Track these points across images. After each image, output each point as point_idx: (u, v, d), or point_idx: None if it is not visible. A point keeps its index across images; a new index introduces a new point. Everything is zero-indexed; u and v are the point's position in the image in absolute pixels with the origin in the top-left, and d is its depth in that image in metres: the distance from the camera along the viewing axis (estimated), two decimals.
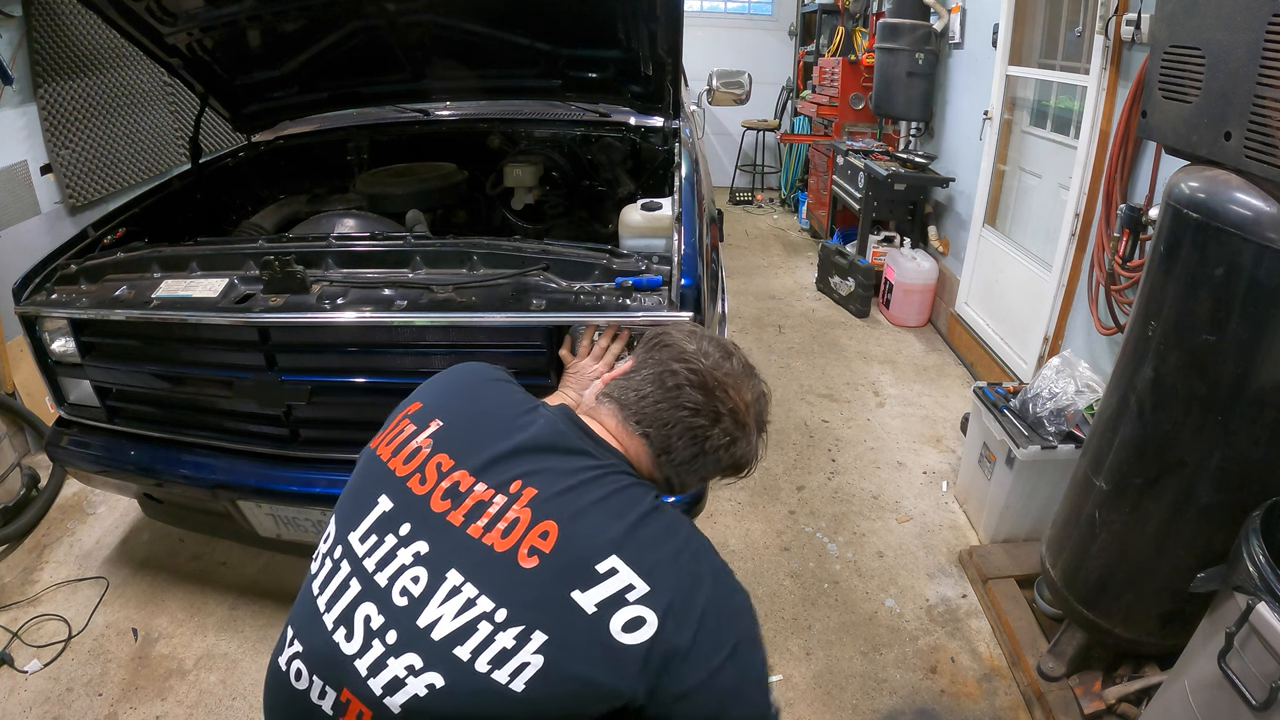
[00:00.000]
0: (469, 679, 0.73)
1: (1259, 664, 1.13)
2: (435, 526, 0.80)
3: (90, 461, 1.79)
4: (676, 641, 0.75)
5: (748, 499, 2.56)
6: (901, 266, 3.95)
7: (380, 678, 0.75)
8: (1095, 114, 2.53)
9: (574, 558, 0.76)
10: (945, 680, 1.87)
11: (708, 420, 0.90)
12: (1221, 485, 1.38)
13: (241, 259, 1.63)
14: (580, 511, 0.79)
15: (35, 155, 2.75)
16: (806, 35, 6.56)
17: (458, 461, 0.84)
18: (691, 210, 1.65)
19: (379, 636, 0.77)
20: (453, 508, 0.81)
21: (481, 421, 0.91)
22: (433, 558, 0.79)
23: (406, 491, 0.83)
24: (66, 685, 1.84)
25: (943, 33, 3.95)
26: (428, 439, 0.87)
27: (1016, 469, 2.06)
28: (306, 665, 0.81)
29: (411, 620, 0.76)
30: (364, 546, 0.82)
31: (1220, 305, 1.28)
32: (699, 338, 0.97)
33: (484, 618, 0.74)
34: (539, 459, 0.84)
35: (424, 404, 0.94)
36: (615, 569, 0.76)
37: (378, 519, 0.83)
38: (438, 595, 0.76)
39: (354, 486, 0.89)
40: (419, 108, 2.67)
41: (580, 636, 0.74)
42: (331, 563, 0.84)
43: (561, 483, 0.81)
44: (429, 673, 0.74)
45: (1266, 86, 1.15)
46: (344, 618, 0.80)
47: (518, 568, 0.76)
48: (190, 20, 2.01)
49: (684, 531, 0.84)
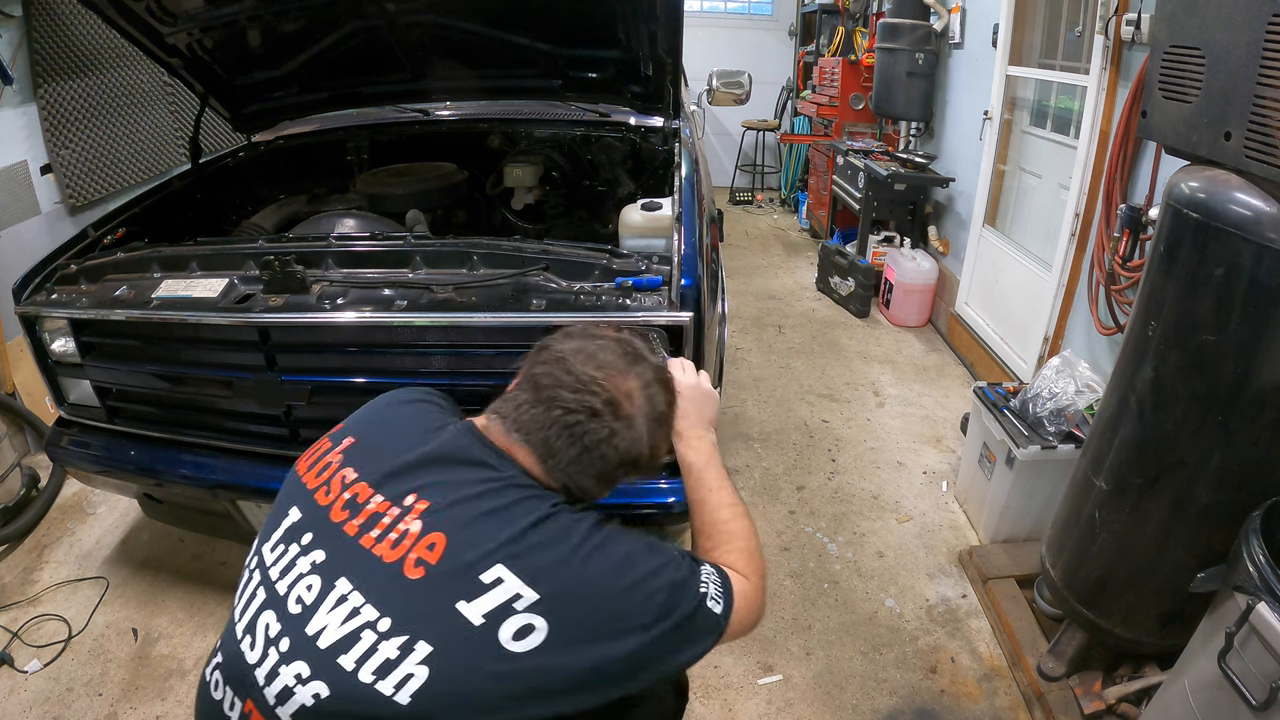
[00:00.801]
0: (353, 689, 0.73)
1: (1259, 664, 1.13)
2: (333, 536, 0.82)
3: (90, 461, 1.79)
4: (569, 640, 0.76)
5: (748, 499, 2.55)
6: (901, 266, 3.95)
7: (273, 687, 0.76)
8: (1095, 114, 2.53)
9: (459, 567, 0.76)
10: (945, 680, 1.87)
11: (584, 416, 0.88)
12: (1221, 485, 1.38)
13: (241, 259, 1.63)
14: (469, 522, 0.80)
15: (35, 155, 2.75)
16: (806, 35, 6.56)
17: (360, 474, 0.86)
18: (691, 210, 1.65)
19: (274, 644, 0.78)
20: (350, 518, 0.82)
21: (390, 437, 0.93)
22: (327, 566, 0.80)
23: (313, 503, 0.85)
24: (66, 685, 1.84)
25: (943, 33, 3.95)
26: (339, 453, 0.91)
27: (1016, 469, 2.06)
28: (222, 675, 0.83)
29: (301, 628, 0.77)
30: (272, 556, 0.84)
31: (1220, 305, 1.28)
32: (577, 336, 0.97)
33: (368, 626, 0.75)
34: (438, 471, 0.85)
35: (345, 424, 0.97)
36: (501, 578, 0.76)
37: (286, 529, 0.85)
38: (327, 603, 0.77)
39: (276, 500, 0.92)
40: (419, 108, 2.67)
41: (467, 648, 0.74)
42: (248, 573, 0.86)
43: (455, 494, 0.82)
44: (315, 681, 0.74)
45: (1266, 86, 1.15)
46: (250, 626, 0.81)
47: (403, 578, 0.76)
48: (190, 20, 2.01)
49: (579, 533, 0.82)
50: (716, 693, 1.83)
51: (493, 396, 0.97)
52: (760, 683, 1.86)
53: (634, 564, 0.83)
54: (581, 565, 0.80)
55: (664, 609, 0.82)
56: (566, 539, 0.81)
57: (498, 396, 0.97)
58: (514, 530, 0.79)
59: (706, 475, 1.06)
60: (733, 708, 1.79)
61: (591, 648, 0.77)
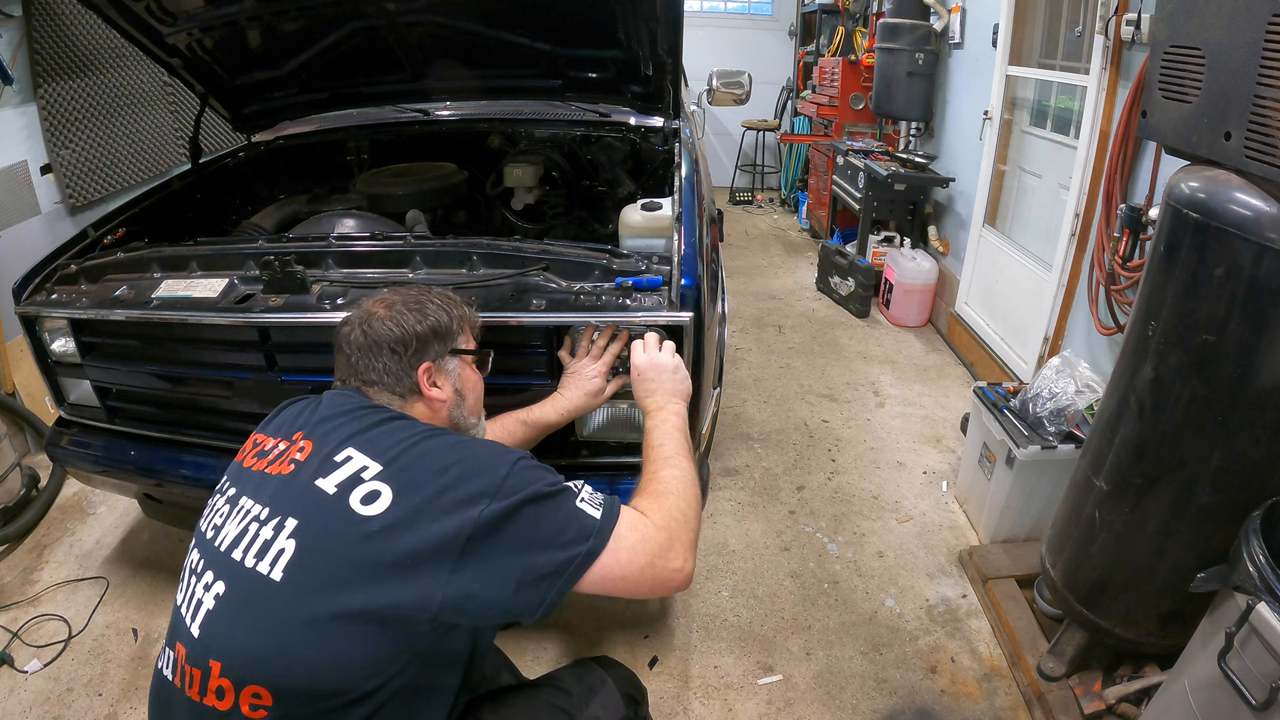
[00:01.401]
0: (240, 577, 0.84)
1: (1259, 664, 1.13)
2: (242, 475, 0.97)
3: (90, 461, 1.79)
4: (413, 505, 0.84)
5: (748, 499, 2.56)
6: (901, 266, 3.95)
7: (189, 609, 0.87)
8: (1095, 114, 2.53)
9: (319, 456, 0.90)
10: (945, 680, 1.87)
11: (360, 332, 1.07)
12: (1221, 485, 1.38)
13: (241, 259, 1.63)
14: (332, 428, 0.95)
15: (35, 155, 2.75)
16: (806, 35, 6.56)
17: (272, 435, 1.01)
18: (691, 210, 1.65)
19: (197, 575, 0.89)
20: (256, 459, 0.97)
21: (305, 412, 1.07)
22: (234, 495, 0.94)
23: (237, 467, 1.00)
24: (66, 685, 1.84)
25: (943, 33, 3.95)
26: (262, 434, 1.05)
27: (1016, 469, 2.06)
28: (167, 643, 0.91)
29: (212, 544, 0.90)
30: (205, 521, 0.96)
31: (1220, 305, 1.28)
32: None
33: (253, 520, 0.88)
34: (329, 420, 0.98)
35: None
36: (350, 456, 0.89)
37: (216, 495, 0.98)
38: (232, 519, 0.90)
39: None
40: (419, 108, 2.67)
41: (324, 515, 0.84)
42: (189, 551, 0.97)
43: (330, 419, 0.97)
44: (217, 583, 0.86)
45: (1266, 86, 1.15)
46: (185, 583, 0.92)
47: (281, 477, 0.91)
48: (190, 20, 2.01)
49: (424, 429, 0.95)
50: (716, 693, 1.83)
51: (493, 396, 0.99)
52: (760, 683, 1.86)
53: (475, 447, 0.94)
54: (423, 442, 0.91)
55: (514, 484, 0.88)
56: (412, 428, 0.95)
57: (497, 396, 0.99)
58: (365, 424, 0.94)
59: (656, 439, 1.16)
60: (733, 708, 1.79)
61: (437, 509, 0.84)
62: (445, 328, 1.11)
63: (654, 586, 0.93)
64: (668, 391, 1.28)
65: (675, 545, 0.95)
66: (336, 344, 1.10)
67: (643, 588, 0.93)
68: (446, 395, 1.11)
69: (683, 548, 0.96)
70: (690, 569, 0.96)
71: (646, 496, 1.03)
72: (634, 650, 1.95)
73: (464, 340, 1.16)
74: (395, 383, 1.06)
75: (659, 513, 0.98)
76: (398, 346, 1.06)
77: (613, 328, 1.43)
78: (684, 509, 1.01)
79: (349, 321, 1.09)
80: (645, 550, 0.92)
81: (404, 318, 1.07)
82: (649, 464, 1.13)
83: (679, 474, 1.08)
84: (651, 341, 1.36)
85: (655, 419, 1.22)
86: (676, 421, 1.21)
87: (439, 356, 1.10)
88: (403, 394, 1.07)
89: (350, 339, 1.07)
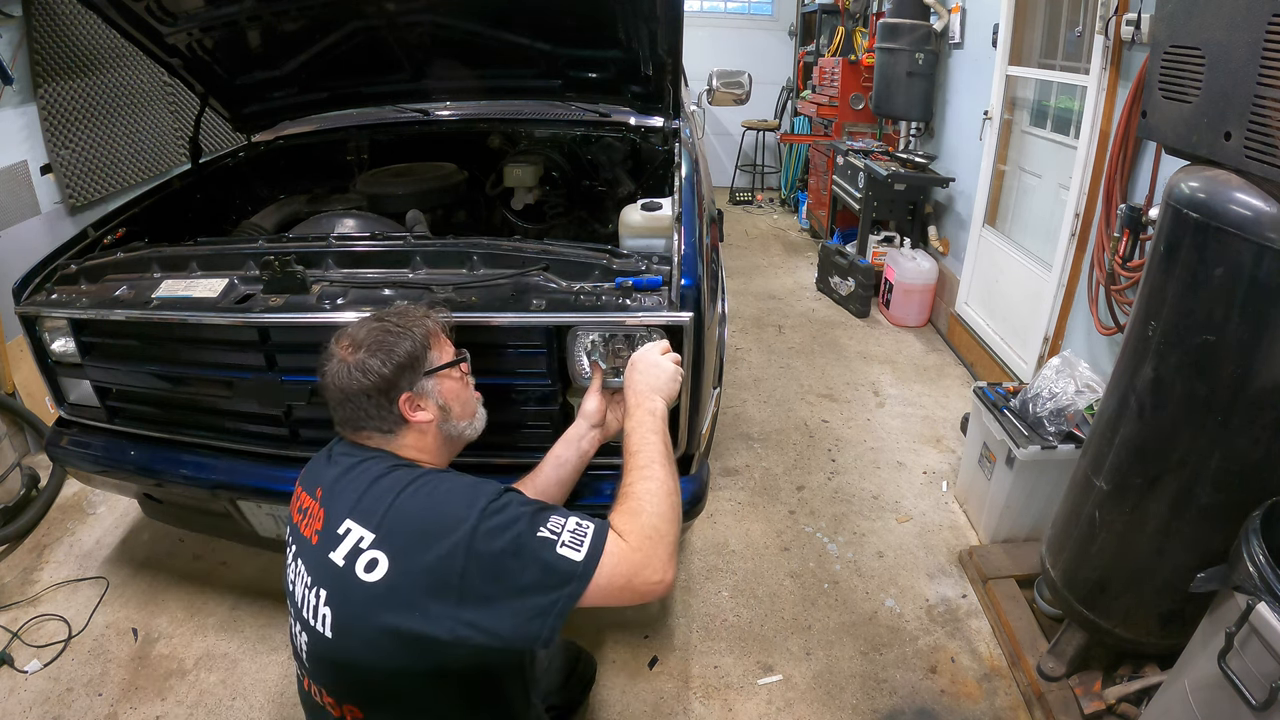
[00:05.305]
0: (310, 631, 1.01)
1: (1259, 664, 1.13)
2: (296, 536, 1.08)
3: (90, 461, 1.79)
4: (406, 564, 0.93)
5: (748, 499, 2.56)
6: (901, 266, 3.95)
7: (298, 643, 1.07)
8: (1095, 114, 2.53)
9: (329, 530, 1.00)
10: (945, 680, 1.87)
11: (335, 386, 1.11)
12: (1221, 485, 1.38)
13: (241, 259, 1.63)
14: (336, 494, 1.04)
15: (35, 155, 2.75)
16: (806, 35, 6.56)
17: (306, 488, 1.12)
18: (691, 210, 1.65)
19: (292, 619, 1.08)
20: (299, 516, 1.09)
21: None
22: (294, 555, 1.08)
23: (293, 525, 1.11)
24: (66, 685, 1.84)
25: (943, 33, 3.95)
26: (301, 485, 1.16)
27: (1016, 469, 2.06)
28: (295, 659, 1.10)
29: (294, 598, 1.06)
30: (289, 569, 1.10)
31: (1220, 305, 1.28)
32: None
33: (305, 586, 1.02)
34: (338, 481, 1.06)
35: None
36: (349, 529, 0.98)
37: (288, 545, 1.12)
38: (297, 580, 1.05)
39: None
40: (419, 108, 2.67)
41: (340, 585, 0.96)
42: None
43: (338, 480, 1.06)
44: (302, 633, 1.04)
45: (1266, 86, 1.15)
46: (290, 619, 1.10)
47: (312, 547, 1.02)
48: (190, 20, 2.01)
49: (405, 479, 1.01)
50: (716, 693, 1.83)
51: (493, 396, 0.99)
52: (760, 683, 1.86)
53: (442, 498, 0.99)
54: (398, 500, 0.98)
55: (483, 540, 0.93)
56: (393, 483, 1.01)
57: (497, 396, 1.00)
58: (360, 488, 1.02)
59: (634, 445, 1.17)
60: (733, 708, 1.79)
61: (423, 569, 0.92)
62: (412, 355, 1.12)
63: (634, 599, 0.99)
64: (649, 386, 1.25)
65: (651, 561, 0.99)
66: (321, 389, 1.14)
67: (624, 601, 0.99)
68: (431, 414, 1.14)
69: (660, 562, 1.00)
70: (669, 578, 1.00)
71: (622, 515, 1.05)
72: (634, 650, 1.95)
73: (437, 353, 1.16)
74: (380, 422, 1.11)
75: (635, 533, 1.01)
76: (372, 393, 1.09)
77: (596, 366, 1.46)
78: (657, 524, 1.03)
79: (323, 370, 1.12)
80: (623, 572, 0.97)
81: (369, 364, 1.09)
82: (626, 473, 1.13)
83: (654, 486, 1.08)
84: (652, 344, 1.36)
85: (633, 419, 1.21)
86: (652, 423, 1.19)
87: (413, 384, 1.12)
88: (390, 429, 1.12)
89: (328, 391, 1.12)
